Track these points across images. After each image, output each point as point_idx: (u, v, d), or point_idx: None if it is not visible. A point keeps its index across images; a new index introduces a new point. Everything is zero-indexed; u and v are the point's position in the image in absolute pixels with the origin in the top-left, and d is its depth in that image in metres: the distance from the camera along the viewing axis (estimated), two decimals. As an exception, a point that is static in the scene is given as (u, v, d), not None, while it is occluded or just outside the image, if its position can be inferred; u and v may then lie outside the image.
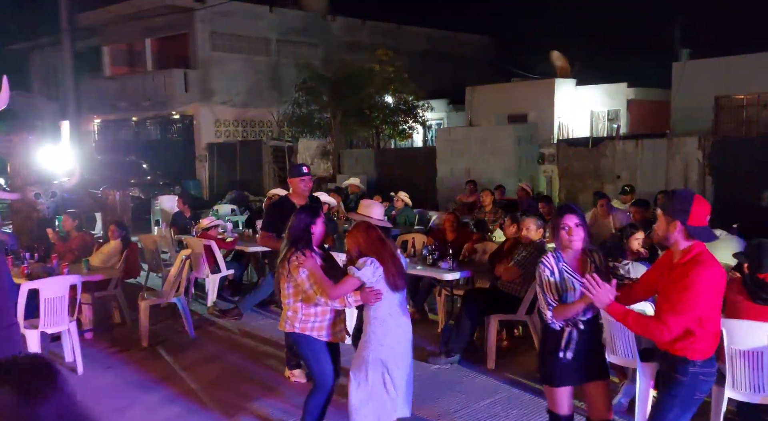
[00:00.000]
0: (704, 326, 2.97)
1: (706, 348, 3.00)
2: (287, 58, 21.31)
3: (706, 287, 2.89)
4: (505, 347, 6.03)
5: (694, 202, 2.93)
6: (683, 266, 2.95)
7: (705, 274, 2.89)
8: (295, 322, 3.92)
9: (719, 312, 3.07)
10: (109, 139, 23.41)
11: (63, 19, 16.33)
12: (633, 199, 8.51)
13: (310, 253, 3.86)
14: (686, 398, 3.03)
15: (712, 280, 2.91)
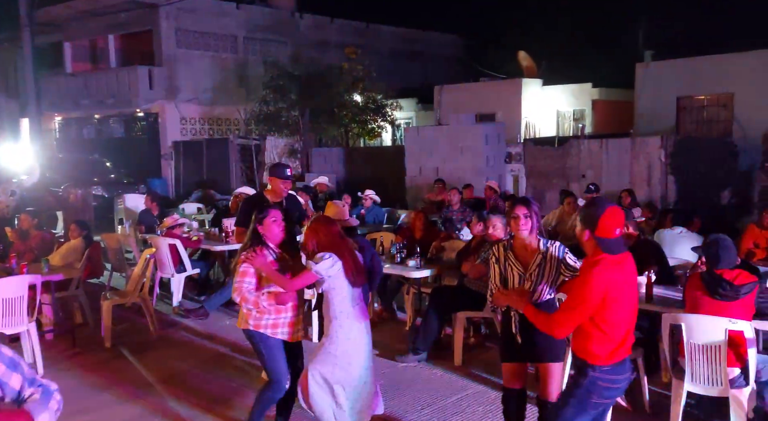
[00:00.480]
0: (603, 329, 2.98)
1: (606, 354, 3.00)
2: (255, 56, 21.10)
3: (597, 285, 2.91)
4: (472, 344, 6.07)
5: (604, 214, 2.96)
6: (582, 267, 3.10)
7: (599, 274, 2.93)
8: (249, 319, 3.94)
9: (628, 320, 3.05)
10: (71, 137, 22.85)
11: (23, 14, 15.87)
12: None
13: (261, 250, 3.85)
14: (582, 400, 3.06)
15: (607, 281, 2.92)
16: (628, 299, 3.04)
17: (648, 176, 11.86)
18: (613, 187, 11.31)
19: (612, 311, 2.98)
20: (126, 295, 6.49)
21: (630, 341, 3.10)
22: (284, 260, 3.98)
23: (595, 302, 2.94)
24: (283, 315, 3.92)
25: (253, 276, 3.85)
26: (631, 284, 3.08)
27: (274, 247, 3.95)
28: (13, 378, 2.09)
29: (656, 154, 11.77)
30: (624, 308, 3.02)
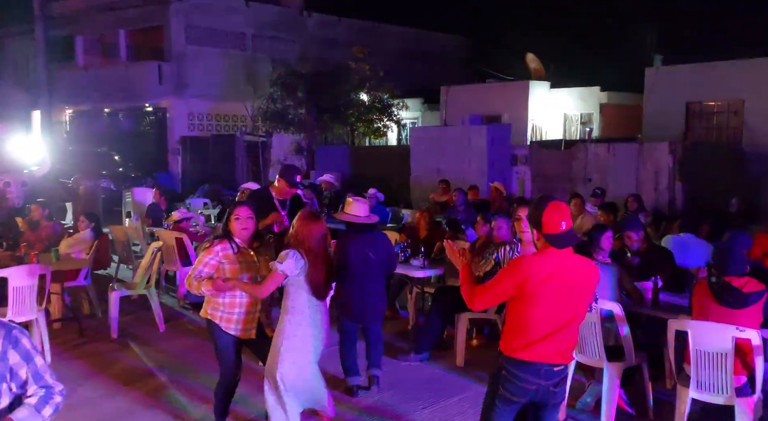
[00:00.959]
0: (515, 321, 3.00)
1: (515, 347, 3.00)
2: (263, 53, 21.16)
3: (515, 273, 2.94)
4: (474, 346, 6.10)
5: (546, 210, 2.95)
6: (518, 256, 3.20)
7: (521, 263, 2.98)
8: (207, 308, 4.05)
9: (550, 321, 2.95)
10: (81, 130, 22.95)
11: (36, 7, 15.97)
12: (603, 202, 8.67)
13: (220, 243, 3.94)
14: (495, 389, 3.09)
15: (527, 273, 2.92)
16: (554, 298, 2.95)
17: (655, 182, 11.85)
18: (619, 192, 11.31)
19: (527, 304, 2.96)
20: (133, 287, 6.55)
21: (553, 347, 2.97)
22: (246, 254, 4.02)
23: (507, 288, 2.97)
24: (237, 310, 3.97)
25: (207, 266, 3.92)
26: (569, 286, 2.97)
27: (239, 241, 4.00)
28: (23, 370, 2.23)
29: (664, 159, 11.77)
30: (543, 306, 2.95)
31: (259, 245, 4.11)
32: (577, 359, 4.61)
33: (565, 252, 2.99)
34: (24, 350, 2.24)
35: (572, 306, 3.01)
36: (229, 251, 3.94)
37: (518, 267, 2.98)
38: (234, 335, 3.99)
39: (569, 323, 3.01)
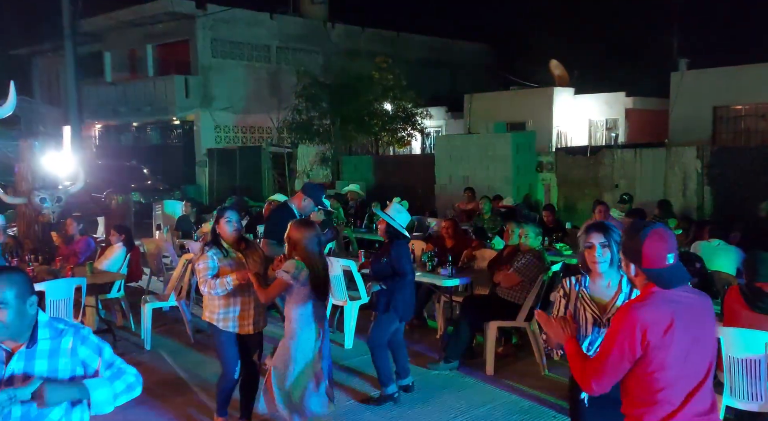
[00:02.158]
0: (647, 389, 2.34)
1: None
2: (287, 65, 21.41)
3: (627, 328, 2.30)
4: (504, 354, 6.08)
5: (647, 241, 2.37)
6: (621, 307, 2.49)
7: (632, 313, 2.32)
8: (206, 312, 4.33)
9: (687, 377, 2.35)
10: (110, 144, 23.47)
11: (66, 24, 16.41)
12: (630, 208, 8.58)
13: (210, 249, 4.20)
14: None
15: (643, 322, 2.29)
16: (683, 350, 2.31)
17: (683, 187, 11.69)
18: (647, 198, 11.18)
19: (653, 367, 2.31)
20: (164, 299, 6.66)
21: (695, 409, 2.34)
22: (236, 257, 4.24)
23: (626, 353, 2.31)
24: (231, 309, 4.22)
25: (210, 269, 4.16)
26: (694, 329, 2.35)
27: (227, 245, 4.24)
28: (96, 361, 2.42)
29: (692, 164, 11.60)
30: (673, 364, 2.31)
31: (246, 247, 4.32)
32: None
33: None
34: (93, 344, 2.41)
35: (703, 352, 2.40)
36: (219, 255, 4.20)
37: (629, 322, 2.31)
38: (233, 332, 4.24)
39: (707, 375, 2.39)
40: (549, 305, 5.86)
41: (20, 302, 2.25)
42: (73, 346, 2.37)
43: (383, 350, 4.99)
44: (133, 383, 2.48)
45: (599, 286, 2.97)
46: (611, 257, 2.92)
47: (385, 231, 5.04)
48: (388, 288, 4.97)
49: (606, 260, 2.93)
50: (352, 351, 6.30)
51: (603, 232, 2.95)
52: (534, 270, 5.73)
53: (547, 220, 8.58)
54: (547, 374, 5.61)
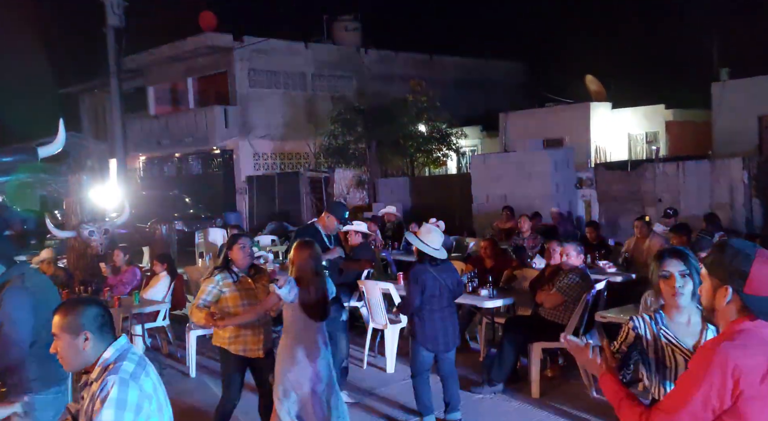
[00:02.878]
0: None
1: None
2: (323, 92, 21.79)
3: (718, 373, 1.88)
4: (549, 376, 5.96)
5: (755, 265, 1.96)
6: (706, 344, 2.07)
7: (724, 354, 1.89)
8: (216, 337, 4.40)
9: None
10: (153, 175, 24.18)
11: (111, 62, 17.10)
12: (675, 223, 8.35)
13: (220, 273, 4.32)
14: None
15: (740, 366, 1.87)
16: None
17: (731, 199, 11.35)
18: (692, 212, 10.89)
19: (748, 418, 1.90)
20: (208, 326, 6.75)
21: None
22: (245, 282, 4.37)
23: (710, 400, 1.89)
24: (242, 332, 4.27)
25: (210, 295, 4.26)
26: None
27: (238, 270, 4.33)
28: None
29: (738, 176, 11.27)
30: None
31: (255, 273, 4.44)
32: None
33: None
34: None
35: None
36: (229, 280, 4.27)
37: (719, 365, 1.89)
38: (243, 355, 4.29)
39: None
40: (593, 324, 5.74)
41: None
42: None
43: (419, 379, 4.90)
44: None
45: (679, 323, 2.60)
46: (693, 287, 2.55)
47: (417, 254, 5.01)
48: (407, 314, 4.94)
49: (687, 291, 2.55)
50: (394, 376, 6.26)
51: (682, 259, 2.59)
52: (577, 289, 5.62)
53: (590, 237, 8.42)
54: (595, 395, 5.47)
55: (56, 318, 2.37)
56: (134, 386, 2.27)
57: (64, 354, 2.37)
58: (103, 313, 2.41)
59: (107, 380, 2.26)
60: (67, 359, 2.38)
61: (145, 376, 2.36)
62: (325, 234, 5.49)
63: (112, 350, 2.37)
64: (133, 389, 2.26)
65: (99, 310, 2.41)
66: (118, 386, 2.24)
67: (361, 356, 6.61)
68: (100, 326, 2.36)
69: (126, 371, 2.29)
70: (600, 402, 5.35)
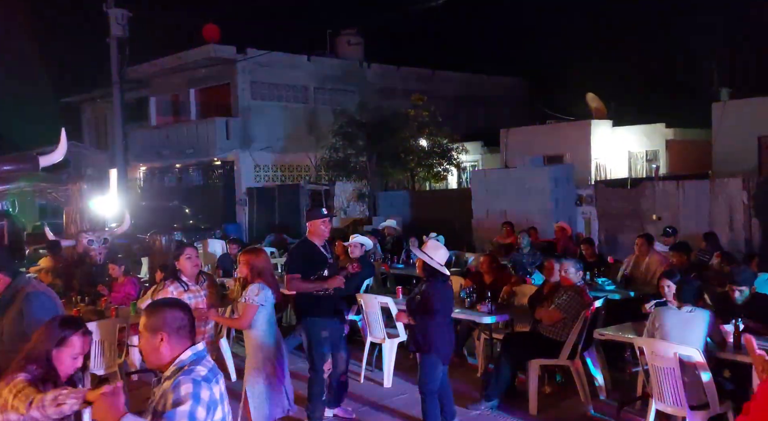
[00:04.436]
0: None
1: None
2: (324, 105, 21.87)
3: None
4: (547, 393, 5.92)
5: None
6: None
7: None
8: None
9: None
10: (153, 185, 24.19)
11: (114, 72, 17.19)
12: (675, 242, 8.33)
13: (171, 284, 4.53)
14: None
15: None
16: None
17: (729, 219, 11.35)
18: (691, 231, 10.88)
19: None
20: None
21: None
22: (195, 291, 4.61)
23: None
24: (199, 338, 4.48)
25: None
26: None
27: (187, 280, 4.55)
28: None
29: (738, 195, 11.28)
30: None
31: (203, 280, 4.70)
32: (656, 407, 4.42)
33: None
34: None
35: None
36: (180, 289, 4.47)
37: None
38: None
39: None
40: (591, 342, 5.71)
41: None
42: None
43: (433, 396, 4.83)
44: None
45: None
46: None
47: (422, 269, 4.99)
48: (419, 327, 4.90)
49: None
50: (391, 390, 6.23)
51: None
52: (576, 306, 5.61)
53: (586, 253, 8.40)
54: (593, 413, 5.44)
55: (141, 317, 2.52)
56: (207, 387, 2.34)
57: (144, 351, 2.51)
58: (183, 317, 2.48)
59: (179, 380, 2.34)
60: (146, 356, 2.52)
61: (215, 383, 2.42)
62: (320, 245, 5.40)
63: (189, 352, 2.45)
64: (205, 389, 2.33)
65: (178, 313, 2.48)
66: (192, 384, 2.32)
67: (358, 370, 6.57)
68: (177, 329, 2.44)
69: (199, 374, 2.37)
70: (597, 420, 5.32)
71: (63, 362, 2.79)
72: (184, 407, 2.27)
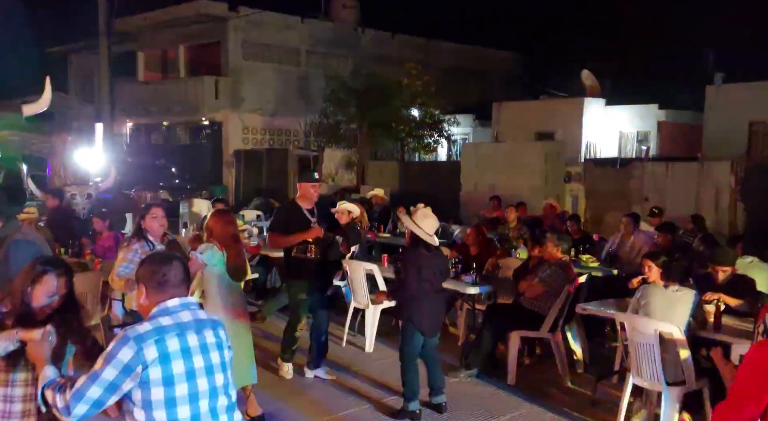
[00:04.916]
0: None
1: None
2: (316, 69, 21.53)
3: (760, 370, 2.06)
4: (526, 364, 5.99)
5: None
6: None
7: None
8: (128, 299, 4.66)
9: None
10: (140, 142, 23.84)
11: (101, 23, 16.75)
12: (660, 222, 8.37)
13: (137, 242, 4.51)
14: None
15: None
16: None
17: (716, 202, 11.45)
18: (677, 212, 10.95)
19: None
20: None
21: None
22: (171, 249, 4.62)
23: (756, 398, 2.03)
24: None
25: (131, 263, 4.34)
26: None
27: (153, 239, 4.57)
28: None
29: (725, 179, 11.37)
30: None
31: (168, 241, 4.73)
32: (633, 381, 4.49)
33: None
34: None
35: None
36: (146, 248, 4.46)
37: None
38: None
39: None
40: (573, 317, 5.77)
41: None
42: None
43: (410, 363, 4.79)
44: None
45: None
46: None
47: (410, 237, 4.97)
48: (398, 295, 4.93)
49: None
50: (373, 355, 6.27)
51: None
52: (559, 281, 5.64)
53: (571, 230, 8.43)
54: (570, 385, 5.52)
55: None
56: (134, 345, 2.26)
57: (135, 301, 2.53)
58: (167, 271, 2.41)
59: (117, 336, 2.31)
60: (137, 306, 2.51)
61: (174, 336, 2.33)
62: (306, 209, 5.41)
63: (156, 307, 2.40)
64: (128, 348, 2.25)
65: (163, 268, 2.42)
66: (115, 343, 2.28)
67: (341, 334, 6.60)
68: (159, 283, 2.40)
69: (137, 330, 2.30)
70: (574, 391, 5.41)
71: (38, 299, 2.76)
72: (96, 363, 2.27)
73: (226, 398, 2.42)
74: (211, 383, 2.37)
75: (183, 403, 2.29)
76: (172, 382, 2.28)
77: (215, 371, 2.39)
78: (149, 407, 2.27)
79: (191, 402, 2.30)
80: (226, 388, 2.43)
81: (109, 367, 2.24)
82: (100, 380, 2.23)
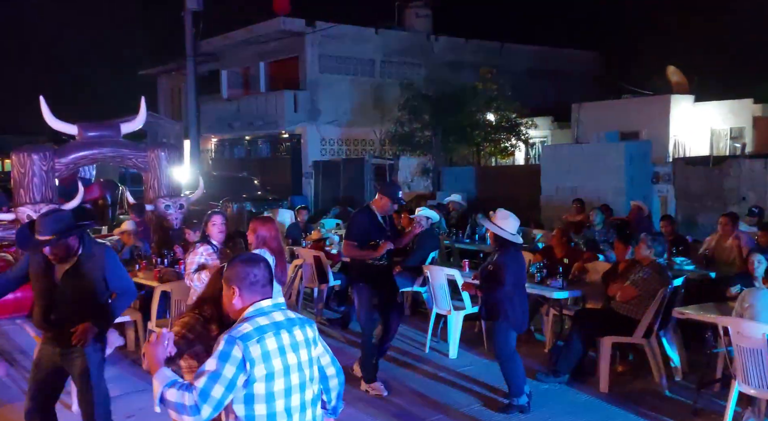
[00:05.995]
0: None
1: None
2: (391, 78, 21.73)
3: None
4: (618, 372, 5.76)
5: None
6: None
7: None
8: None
9: None
10: (224, 156, 24.84)
11: (187, 46, 17.62)
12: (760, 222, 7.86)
13: (201, 246, 5.01)
14: None
15: None
16: None
17: (821, 199, 10.63)
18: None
19: None
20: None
21: None
22: (223, 252, 5.06)
23: None
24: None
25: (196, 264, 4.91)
26: None
27: (217, 243, 5.07)
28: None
29: (832, 174, 10.54)
30: None
31: (233, 245, 5.16)
32: (740, 389, 4.22)
33: None
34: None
35: None
36: (210, 251, 4.98)
37: None
38: None
39: None
40: (668, 321, 5.49)
41: None
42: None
43: (511, 361, 4.89)
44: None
45: None
46: None
47: (494, 239, 4.97)
48: (491, 296, 4.91)
49: None
50: (457, 361, 6.21)
51: None
52: (653, 284, 5.39)
53: (665, 231, 8.03)
54: (668, 394, 5.25)
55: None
56: (242, 344, 2.36)
57: (224, 303, 2.60)
58: (257, 272, 2.53)
59: (221, 337, 2.41)
60: (225, 308, 2.59)
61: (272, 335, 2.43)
62: (380, 216, 5.45)
63: (252, 308, 2.50)
64: (238, 347, 2.36)
65: (253, 269, 2.53)
66: (224, 342, 2.38)
67: (423, 340, 6.58)
68: (250, 284, 2.51)
69: (241, 331, 2.40)
70: (672, 400, 5.14)
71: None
72: (209, 364, 2.34)
73: (312, 392, 2.56)
74: (302, 377, 2.50)
75: (279, 397, 2.43)
76: (272, 378, 2.41)
77: (305, 367, 2.52)
78: (251, 402, 2.40)
79: (286, 396, 2.45)
80: (312, 381, 2.57)
81: (227, 365, 2.34)
82: (222, 378, 2.33)
